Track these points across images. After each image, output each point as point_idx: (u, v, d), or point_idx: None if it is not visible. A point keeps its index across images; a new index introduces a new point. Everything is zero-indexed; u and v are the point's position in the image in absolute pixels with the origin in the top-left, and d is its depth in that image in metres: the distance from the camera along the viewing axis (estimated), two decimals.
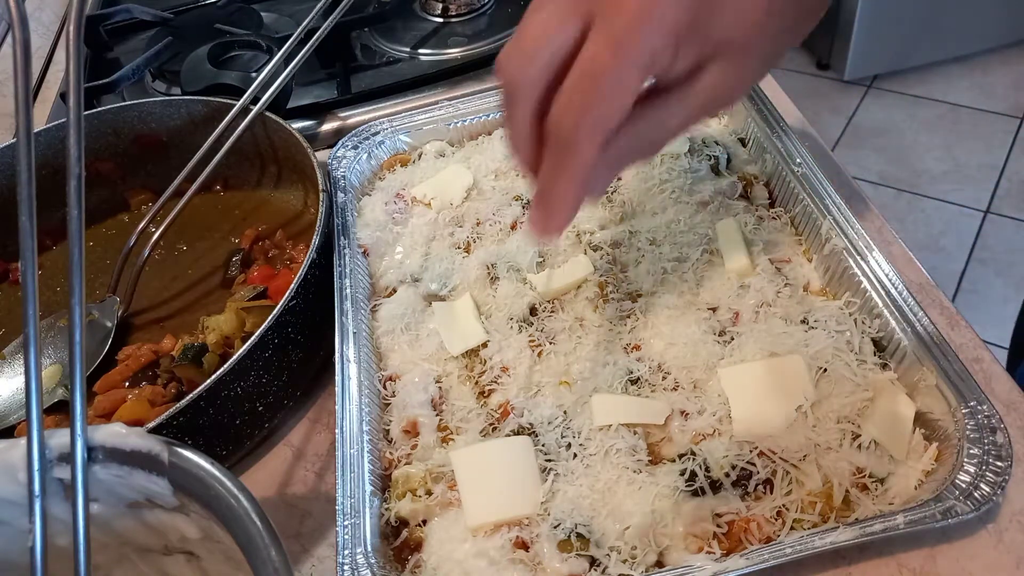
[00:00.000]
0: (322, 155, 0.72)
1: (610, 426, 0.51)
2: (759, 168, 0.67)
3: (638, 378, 0.54)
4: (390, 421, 0.55)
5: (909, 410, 0.49)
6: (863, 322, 0.54)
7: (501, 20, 0.93)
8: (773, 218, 0.63)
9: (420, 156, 0.74)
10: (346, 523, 0.48)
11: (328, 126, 0.83)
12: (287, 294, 0.56)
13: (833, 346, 0.52)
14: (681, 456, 0.49)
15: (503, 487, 0.49)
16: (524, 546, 0.47)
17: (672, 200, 0.64)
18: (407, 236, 0.67)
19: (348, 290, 0.60)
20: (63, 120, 0.60)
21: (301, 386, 0.62)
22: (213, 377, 0.52)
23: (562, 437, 0.51)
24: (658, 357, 0.55)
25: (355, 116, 0.83)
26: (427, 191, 0.69)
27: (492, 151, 0.72)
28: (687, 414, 0.51)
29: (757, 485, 0.48)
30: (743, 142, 0.70)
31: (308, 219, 0.76)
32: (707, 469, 0.48)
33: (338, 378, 0.55)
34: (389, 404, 0.56)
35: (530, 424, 0.52)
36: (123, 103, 0.79)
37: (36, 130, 0.73)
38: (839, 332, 0.53)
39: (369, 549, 0.47)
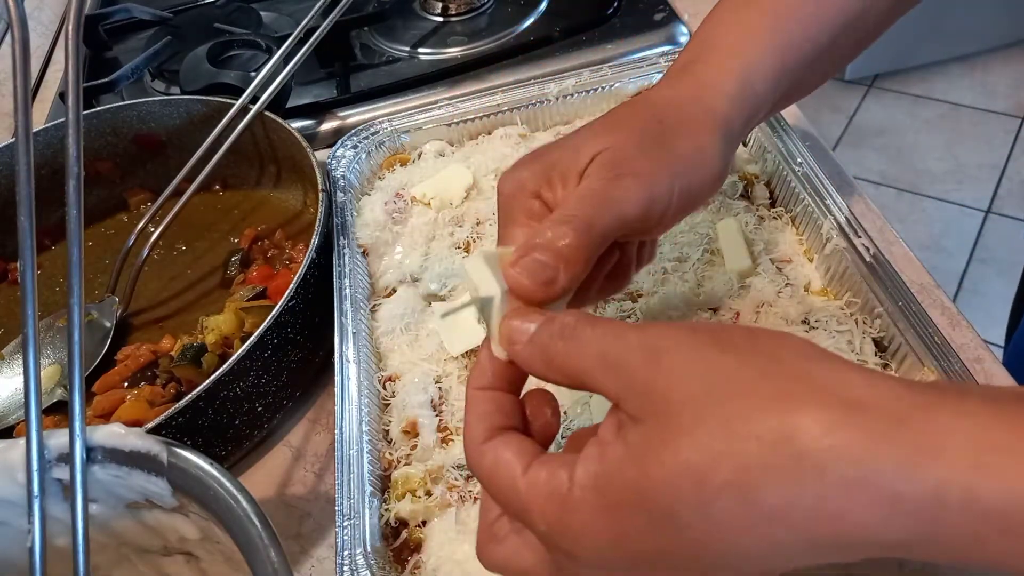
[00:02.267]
0: (321, 155, 0.71)
1: None
2: (760, 167, 0.67)
3: None
4: (390, 422, 0.55)
5: None
6: (864, 322, 0.54)
7: (501, 19, 0.93)
8: (774, 218, 0.63)
9: (420, 155, 0.74)
10: (345, 524, 0.48)
11: (327, 125, 0.83)
12: (286, 294, 0.56)
13: (834, 346, 0.52)
14: None
15: None
16: None
17: None
18: (407, 236, 0.67)
19: (347, 290, 0.60)
20: (62, 120, 0.60)
21: (300, 386, 0.62)
22: (212, 377, 0.52)
23: (562, 438, 0.51)
24: None
25: (354, 115, 0.83)
26: (427, 191, 0.69)
27: (492, 151, 0.72)
28: None
29: None
30: (744, 142, 0.69)
31: (307, 219, 0.75)
32: None
33: (337, 378, 0.55)
34: (389, 404, 0.56)
35: None
36: (122, 103, 0.79)
37: (35, 130, 0.73)
38: (840, 332, 0.53)
39: (369, 550, 0.47)
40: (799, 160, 0.62)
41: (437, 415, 0.55)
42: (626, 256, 0.44)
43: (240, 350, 0.54)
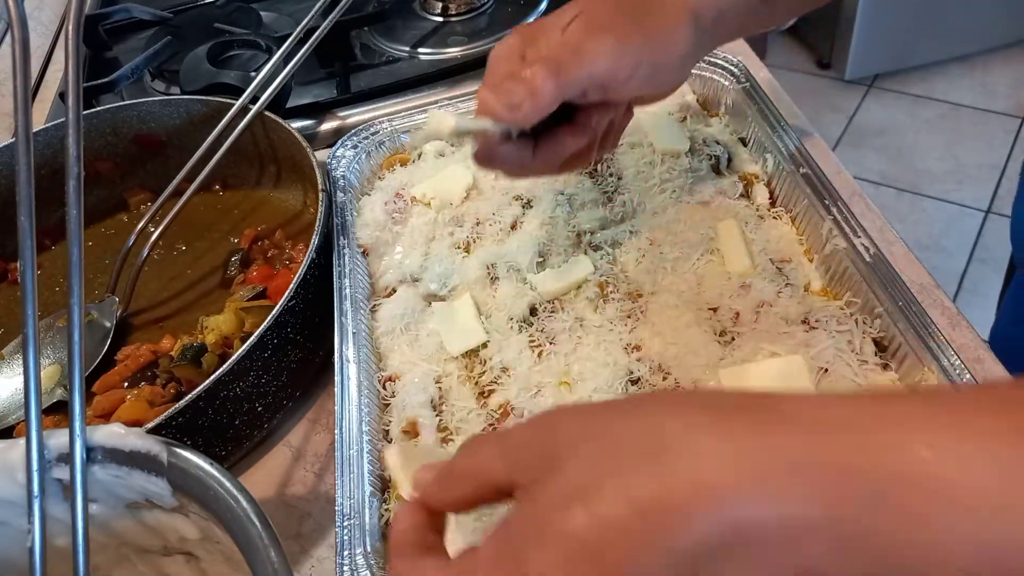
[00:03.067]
0: (321, 155, 0.71)
1: None
2: (760, 168, 0.67)
3: (638, 378, 0.54)
4: (390, 421, 0.55)
5: None
6: (864, 322, 0.54)
7: (501, 19, 0.93)
8: (774, 218, 0.63)
9: (420, 156, 0.74)
10: (345, 524, 0.48)
11: (327, 125, 0.83)
12: (286, 294, 0.56)
13: (834, 346, 0.52)
14: None
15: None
16: None
17: (673, 200, 0.64)
18: (407, 236, 0.67)
19: (347, 290, 0.60)
20: (62, 120, 0.60)
21: (300, 386, 0.62)
22: (212, 377, 0.52)
23: None
24: (658, 357, 0.55)
25: (354, 115, 0.83)
26: (427, 191, 0.69)
27: None
28: None
29: None
30: (744, 142, 0.69)
31: (307, 219, 0.75)
32: None
33: (337, 378, 0.55)
34: (389, 404, 0.56)
35: None
36: (122, 103, 0.79)
37: (35, 130, 0.73)
38: (840, 332, 0.53)
39: (369, 550, 0.47)
40: (799, 160, 0.62)
41: (437, 415, 0.55)
42: (591, 137, 0.50)
43: (240, 350, 0.54)
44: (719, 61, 0.72)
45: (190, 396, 0.52)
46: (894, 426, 0.26)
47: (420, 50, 0.90)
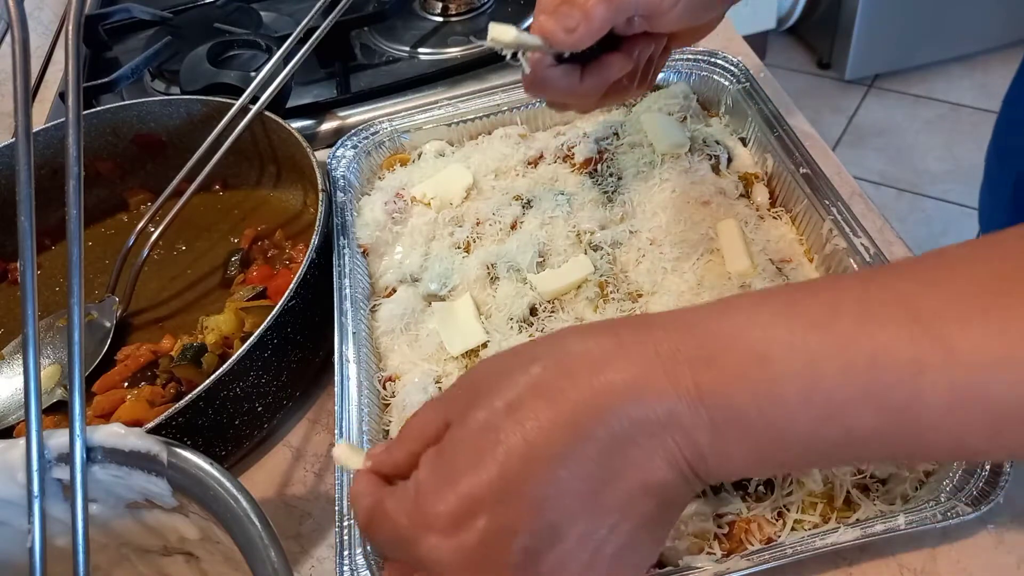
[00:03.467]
0: (321, 155, 0.71)
1: None
2: (760, 168, 0.67)
3: None
4: (390, 422, 0.55)
5: None
6: None
7: (501, 19, 0.92)
8: (774, 218, 0.63)
9: (420, 156, 0.74)
10: (346, 524, 0.48)
11: (327, 125, 0.83)
12: (286, 294, 0.56)
13: None
14: None
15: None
16: None
17: (673, 200, 0.64)
18: (407, 236, 0.67)
19: (347, 290, 0.60)
20: (62, 120, 0.59)
21: (300, 386, 0.62)
22: (212, 377, 0.52)
23: None
24: None
25: (354, 115, 0.83)
26: (427, 191, 0.69)
27: (492, 151, 0.72)
28: None
29: (758, 486, 0.48)
30: (744, 142, 0.69)
31: (307, 219, 0.75)
32: None
33: (337, 378, 0.55)
34: (389, 404, 0.56)
35: None
36: (122, 102, 0.79)
37: (35, 130, 0.73)
38: None
39: (369, 550, 0.47)
40: (799, 160, 0.62)
41: None
42: (632, 71, 0.54)
43: (240, 350, 0.54)
44: (719, 61, 0.73)
45: (190, 396, 0.52)
46: (735, 319, 0.32)
47: (420, 50, 0.90)
